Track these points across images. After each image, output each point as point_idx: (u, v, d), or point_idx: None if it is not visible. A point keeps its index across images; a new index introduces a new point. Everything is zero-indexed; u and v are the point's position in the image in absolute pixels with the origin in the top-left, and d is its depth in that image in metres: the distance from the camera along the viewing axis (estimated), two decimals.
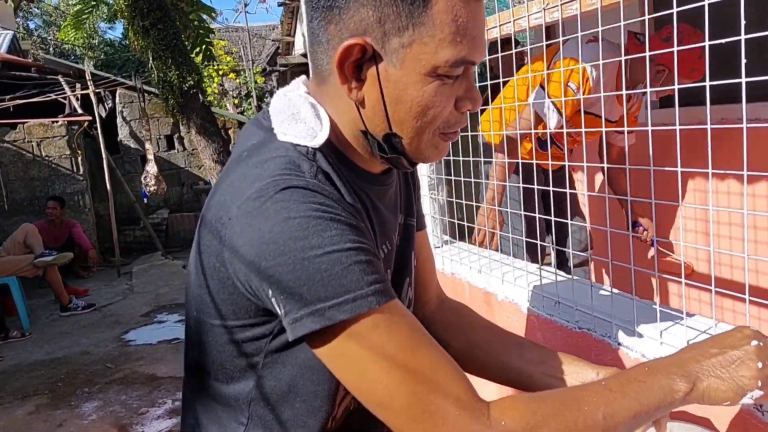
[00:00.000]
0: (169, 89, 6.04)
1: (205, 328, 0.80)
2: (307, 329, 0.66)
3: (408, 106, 0.72)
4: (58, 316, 5.72)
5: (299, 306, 0.66)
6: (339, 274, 0.65)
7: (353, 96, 0.74)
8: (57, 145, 7.69)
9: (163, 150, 9.22)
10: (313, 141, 0.75)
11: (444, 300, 1.12)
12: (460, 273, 1.83)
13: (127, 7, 5.85)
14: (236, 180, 0.73)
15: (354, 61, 0.71)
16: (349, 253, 0.67)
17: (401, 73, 0.71)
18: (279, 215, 0.67)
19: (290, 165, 0.71)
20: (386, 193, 0.87)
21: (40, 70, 8.50)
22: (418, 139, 0.76)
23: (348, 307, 0.65)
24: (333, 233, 0.66)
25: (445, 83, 0.72)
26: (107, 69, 14.30)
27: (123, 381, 3.93)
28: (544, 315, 1.40)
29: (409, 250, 0.96)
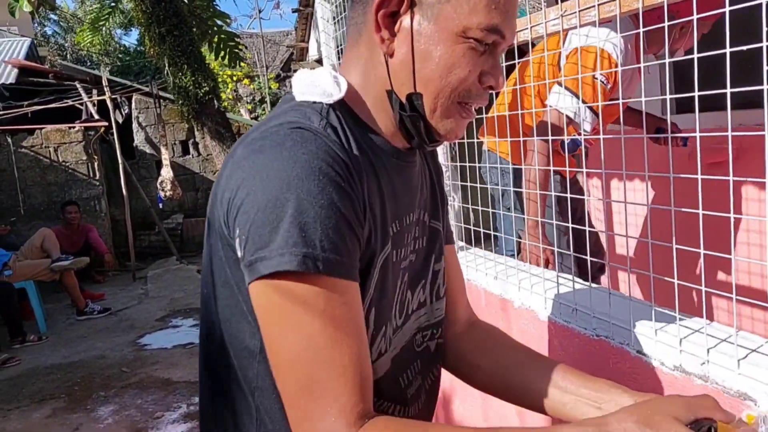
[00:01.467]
0: (185, 95, 6.09)
1: (210, 304, 0.80)
2: (255, 275, 0.65)
3: (435, 62, 0.73)
4: (75, 320, 5.78)
5: (255, 248, 0.65)
6: (303, 224, 0.64)
7: (384, 47, 0.75)
8: (74, 151, 7.78)
9: (178, 155, 9.30)
10: (328, 99, 0.75)
11: (475, 322, 1.08)
12: (476, 279, 1.83)
13: (144, 13, 5.91)
14: (252, 129, 0.76)
15: (390, 13, 0.73)
16: (320, 211, 0.65)
17: (434, 29, 0.72)
18: (274, 150, 0.67)
19: (301, 115, 0.73)
20: (405, 171, 0.85)
21: (57, 77, 8.62)
22: (437, 102, 0.76)
23: (298, 259, 0.63)
24: (315, 183, 0.65)
25: (474, 48, 0.73)
26: (123, 75, 14.44)
27: (138, 385, 3.95)
28: (561, 322, 1.39)
29: (430, 252, 0.94)
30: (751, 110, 2.27)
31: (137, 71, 16.66)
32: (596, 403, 0.87)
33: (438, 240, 0.96)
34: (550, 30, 1.28)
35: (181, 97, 6.12)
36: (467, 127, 0.83)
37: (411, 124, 0.78)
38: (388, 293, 0.81)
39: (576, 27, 1.20)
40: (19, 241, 6.16)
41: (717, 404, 0.69)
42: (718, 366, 0.99)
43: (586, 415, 0.87)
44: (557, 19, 1.23)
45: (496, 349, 1.00)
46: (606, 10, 1.12)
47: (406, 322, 0.90)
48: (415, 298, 0.92)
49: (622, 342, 1.19)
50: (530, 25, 1.35)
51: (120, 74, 14.98)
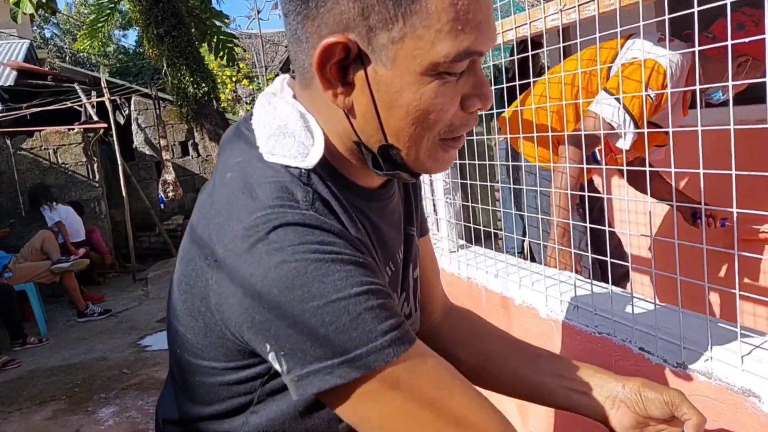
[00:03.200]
0: (184, 96, 6.09)
1: (191, 368, 0.71)
2: (315, 389, 0.58)
3: (404, 111, 0.62)
4: (75, 322, 5.77)
5: (303, 363, 0.58)
6: (347, 326, 0.57)
7: (339, 103, 0.63)
8: (73, 153, 7.76)
9: (178, 156, 9.29)
10: (306, 160, 0.65)
11: (450, 308, 1.05)
12: (477, 278, 1.82)
13: (142, 14, 5.91)
14: (221, 208, 0.64)
15: (337, 63, 0.61)
16: (358, 299, 0.57)
17: (393, 74, 0.60)
18: (272, 260, 0.57)
19: (282, 193, 0.62)
20: (387, 208, 0.77)
21: (56, 78, 8.62)
22: (417, 149, 0.65)
23: (361, 363, 0.57)
24: (336, 277, 0.57)
25: (446, 81, 0.61)
26: (122, 76, 14.43)
27: (139, 386, 3.94)
28: (562, 320, 1.38)
29: (408, 263, 0.87)
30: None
31: (136, 72, 16.66)
32: (580, 388, 0.86)
33: (413, 245, 0.89)
34: (549, 25, 1.27)
35: (180, 98, 6.13)
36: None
37: (390, 176, 0.70)
38: None
39: (579, 27, 1.20)
40: (19, 243, 6.15)
41: None
42: (722, 362, 0.99)
43: (573, 401, 0.87)
44: (556, 14, 1.22)
45: (475, 339, 0.98)
46: (605, 3, 1.11)
47: None
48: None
49: (625, 339, 1.19)
50: (529, 21, 1.34)
51: (119, 75, 14.98)
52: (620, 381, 0.84)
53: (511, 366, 0.92)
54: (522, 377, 0.90)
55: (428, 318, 1.01)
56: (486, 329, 0.99)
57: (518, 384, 0.91)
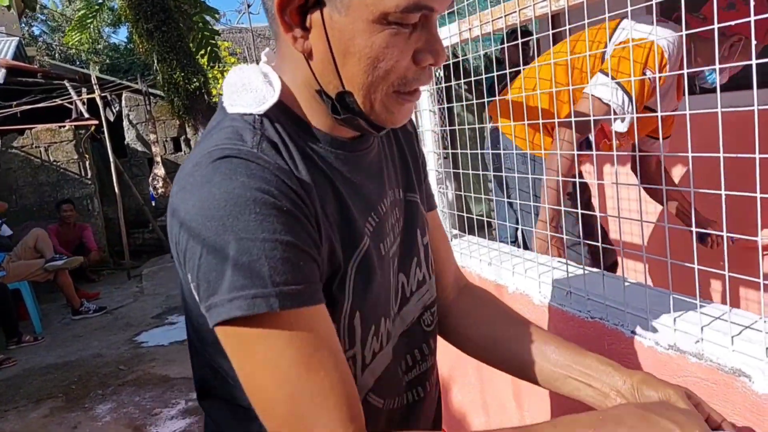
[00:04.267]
0: (175, 91, 6.06)
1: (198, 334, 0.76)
2: (212, 322, 0.62)
3: (356, 58, 0.65)
4: (70, 320, 5.76)
5: (207, 295, 0.61)
6: (246, 264, 0.59)
7: (299, 47, 0.67)
8: (65, 150, 7.73)
9: (170, 152, 9.26)
10: (260, 107, 0.69)
11: (464, 286, 1.05)
12: (471, 266, 1.83)
13: (131, 10, 5.88)
14: (187, 159, 0.69)
15: (296, 8, 0.65)
16: (263, 245, 0.60)
17: (347, 20, 0.63)
18: (203, 189, 0.61)
19: (232, 134, 0.67)
20: (362, 160, 0.79)
21: (46, 76, 8.56)
22: (371, 98, 0.68)
23: (246, 303, 0.60)
24: (251, 217, 0.60)
25: (398, 33, 0.64)
26: (113, 73, 14.34)
27: (136, 382, 3.95)
28: (555, 305, 1.39)
29: (413, 227, 0.89)
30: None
31: (126, 68, 16.56)
32: (586, 380, 0.87)
33: (418, 212, 0.91)
34: (538, 13, 1.28)
35: (171, 93, 6.10)
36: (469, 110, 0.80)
37: (349, 124, 0.73)
38: (373, 291, 0.78)
39: (568, 14, 1.20)
40: (12, 241, 6.13)
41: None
42: (712, 343, 1.00)
43: (577, 390, 0.88)
44: (545, 1, 1.23)
45: (488, 320, 0.99)
46: None
47: (403, 306, 0.88)
48: (412, 279, 0.90)
49: (617, 323, 1.20)
50: (518, 8, 1.34)
51: (110, 72, 14.89)
52: (624, 375, 0.85)
53: (520, 352, 0.93)
54: (530, 363, 0.92)
55: (441, 294, 1.01)
56: (499, 312, 1.00)
57: (526, 369, 0.92)
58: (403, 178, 0.91)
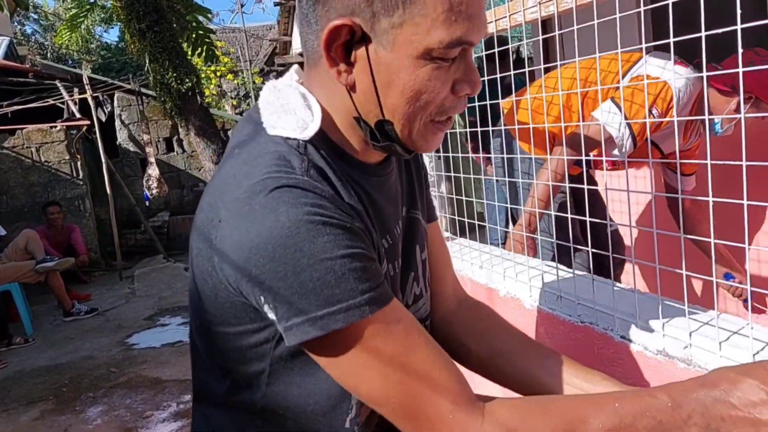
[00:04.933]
0: (167, 91, 6.03)
1: (208, 336, 0.79)
2: (298, 339, 0.66)
3: (399, 90, 0.69)
4: (61, 322, 5.72)
5: (291, 314, 0.65)
6: (331, 283, 0.64)
7: (343, 80, 0.71)
8: (56, 150, 7.69)
9: (163, 153, 9.22)
10: (304, 133, 0.72)
11: (463, 299, 1.07)
12: (462, 269, 1.83)
13: (123, 10, 5.84)
14: (226, 178, 0.71)
15: (342, 43, 0.68)
16: (343, 261, 0.64)
17: (392, 56, 0.67)
18: (268, 218, 0.64)
19: (280, 161, 0.68)
20: (385, 184, 0.83)
21: (38, 76, 8.50)
22: (410, 126, 0.72)
23: (341, 316, 0.64)
24: (325, 239, 0.64)
25: (440, 66, 0.68)
26: (105, 73, 14.30)
27: (127, 385, 3.93)
28: (546, 309, 1.40)
29: (413, 243, 0.92)
30: None
31: (119, 68, 16.51)
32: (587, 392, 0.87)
33: (419, 228, 0.94)
34: (528, 18, 1.28)
35: (163, 94, 6.06)
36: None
37: (385, 150, 0.77)
38: None
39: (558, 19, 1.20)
40: (4, 242, 6.09)
41: None
42: (701, 349, 1.00)
43: None
44: (535, 7, 1.23)
45: (488, 332, 0.99)
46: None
47: None
48: (409, 293, 0.91)
49: (606, 328, 1.20)
50: (509, 13, 1.34)
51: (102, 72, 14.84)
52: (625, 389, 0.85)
53: (521, 364, 0.94)
54: (531, 376, 0.92)
55: (440, 305, 1.03)
56: (499, 325, 1.01)
57: (526, 382, 0.93)
58: (408, 195, 0.94)
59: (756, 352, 0.94)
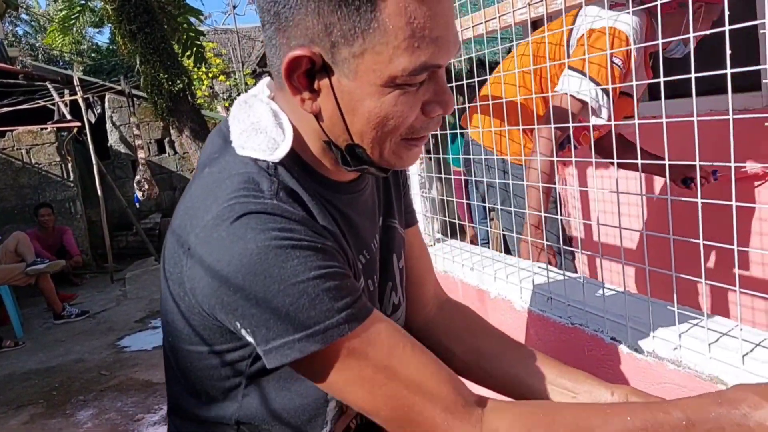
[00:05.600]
0: (158, 93, 6.01)
1: (182, 354, 0.77)
2: (279, 362, 0.65)
3: (366, 118, 0.66)
4: (52, 324, 5.69)
5: (269, 338, 0.64)
6: (306, 305, 0.63)
7: (307, 107, 0.68)
8: (46, 152, 7.65)
9: (154, 154, 9.18)
10: (274, 154, 0.70)
11: (445, 301, 1.06)
12: (453, 271, 1.82)
13: (114, 11, 5.82)
14: (194, 201, 0.69)
15: (304, 72, 0.66)
16: (315, 282, 0.63)
17: (355, 85, 0.65)
18: (236, 246, 0.62)
19: (248, 184, 0.67)
20: (359, 200, 0.82)
21: (28, 77, 8.45)
22: (380, 149, 0.70)
23: (319, 338, 0.63)
24: (294, 263, 0.62)
25: (406, 92, 0.65)
26: (96, 74, 14.21)
27: (118, 388, 3.91)
28: (536, 311, 1.39)
29: (390, 253, 0.91)
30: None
31: (110, 70, 16.43)
32: (572, 393, 0.87)
33: (396, 236, 0.93)
34: (517, 19, 1.28)
35: (154, 95, 6.05)
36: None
37: (358, 168, 0.74)
38: None
39: (547, 20, 1.20)
40: None
41: None
42: (690, 350, 1.00)
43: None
44: (524, 8, 1.23)
45: (471, 334, 0.98)
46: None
47: None
48: (387, 303, 0.91)
49: (597, 329, 1.20)
50: (498, 14, 1.34)
51: (93, 73, 14.75)
52: (609, 388, 0.85)
53: (504, 365, 0.93)
54: (514, 376, 0.91)
55: (422, 309, 1.02)
56: (481, 326, 1.00)
57: (510, 382, 0.92)
58: (385, 205, 0.92)
59: (745, 353, 0.94)
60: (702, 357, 0.98)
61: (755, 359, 0.92)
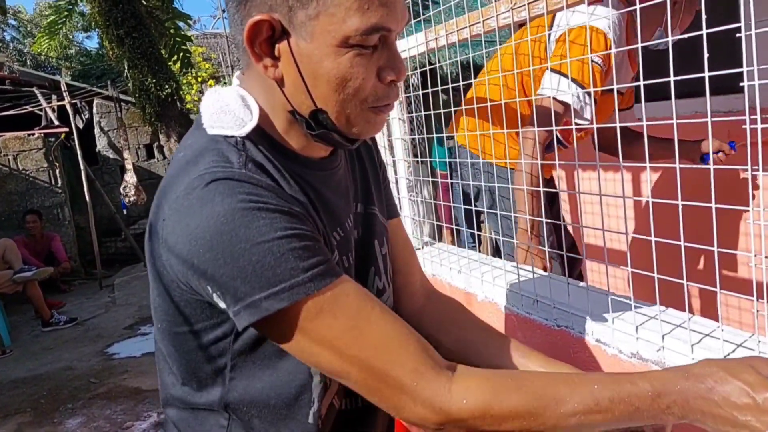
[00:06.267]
0: (147, 98, 6.00)
1: (170, 340, 0.80)
2: (246, 321, 0.66)
3: (325, 79, 0.71)
4: (40, 332, 5.64)
5: (236, 299, 0.66)
6: (271, 264, 0.65)
7: (270, 74, 0.73)
8: (34, 158, 7.60)
9: (143, 159, 9.14)
10: (242, 130, 0.73)
11: (432, 293, 1.08)
12: (441, 274, 1.83)
13: (101, 16, 5.80)
14: (169, 179, 0.73)
15: (265, 39, 0.71)
16: (281, 242, 0.66)
17: (313, 47, 0.69)
18: (204, 210, 0.66)
19: (218, 157, 0.70)
20: (331, 179, 0.85)
21: (15, 83, 8.40)
22: (345, 114, 0.74)
23: (285, 295, 0.65)
24: (261, 223, 0.65)
25: (361, 53, 0.70)
26: (84, 79, 14.12)
27: (107, 395, 3.88)
28: (523, 314, 1.40)
29: (371, 239, 0.93)
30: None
31: (98, 75, 16.35)
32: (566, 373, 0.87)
33: (376, 223, 0.95)
34: (501, 23, 1.29)
35: (142, 100, 6.03)
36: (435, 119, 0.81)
37: (323, 139, 0.78)
38: None
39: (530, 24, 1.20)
40: None
41: None
42: (673, 351, 1.01)
43: None
44: (507, 12, 1.23)
45: (457, 325, 1.00)
46: (554, 1, 1.12)
47: None
48: (372, 288, 0.91)
49: (582, 331, 1.20)
50: (482, 19, 1.35)
51: (81, 78, 14.67)
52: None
53: (490, 355, 0.95)
54: (499, 367, 0.92)
55: (410, 298, 1.04)
56: (467, 318, 1.03)
57: None
58: (363, 192, 0.94)
59: (726, 354, 0.94)
60: (685, 358, 0.98)
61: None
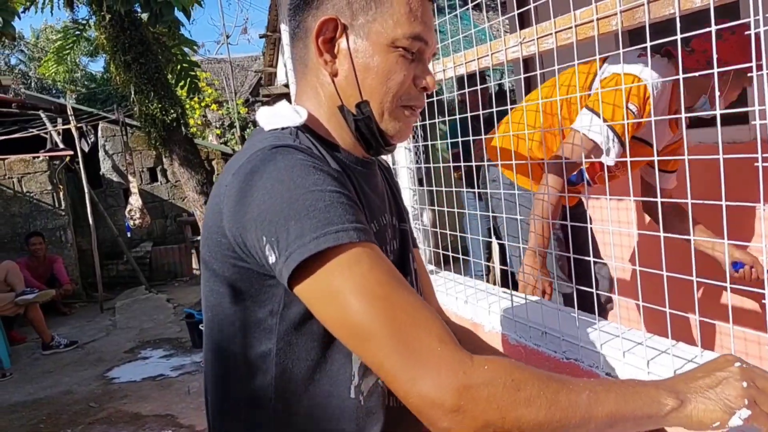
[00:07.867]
0: (152, 122, 6.02)
1: (218, 319, 0.86)
2: (295, 262, 0.70)
3: (375, 72, 0.86)
4: (40, 355, 5.60)
5: (287, 242, 0.71)
6: (323, 208, 0.72)
7: (328, 68, 0.88)
8: (38, 181, 7.62)
9: (146, 183, 9.17)
10: (294, 122, 0.86)
11: (447, 321, 1.09)
12: (447, 303, 1.82)
13: (109, 41, 5.86)
14: (231, 162, 0.84)
15: (329, 38, 0.86)
16: (333, 195, 0.73)
17: (367, 44, 0.86)
18: (267, 167, 0.75)
19: (275, 139, 0.81)
20: (371, 178, 0.95)
21: (21, 106, 8.45)
22: (383, 106, 0.87)
23: (332, 236, 0.70)
24: (317, 177, 0.74)
25: (404, 56, 0.86)
26: (90, 103, 14.26)
27: (107, 420, 3.84)
28: (531, 345, 1.39)
29: (406, 252, 1.01)
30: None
31: (104, 99, 16.49)
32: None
33: (408, 241, 1.04)
34: (510, 57, 1.30)
35: (148, 125, 6.05)
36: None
37: (365, 127, 0.89)
38: None
39: (539, 58, 1.22)
40: None
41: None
42: None
43: None
44: (516, 46, 1.25)
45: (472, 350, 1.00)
46: (563, 37, 1.14)
47: None
48: None
49: (592, 364, 1.20)
50: (491, 52, 1.37)
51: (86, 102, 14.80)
52: None
53: None
54: None
55: None
56: (481, 345, 1.07)
57: None
58: (396, 208, 1.05)
59: None
60: None
61: None
